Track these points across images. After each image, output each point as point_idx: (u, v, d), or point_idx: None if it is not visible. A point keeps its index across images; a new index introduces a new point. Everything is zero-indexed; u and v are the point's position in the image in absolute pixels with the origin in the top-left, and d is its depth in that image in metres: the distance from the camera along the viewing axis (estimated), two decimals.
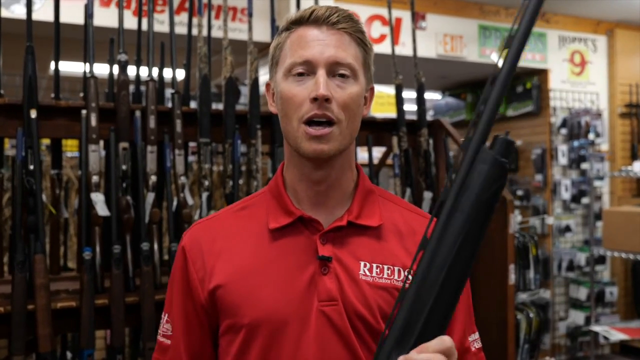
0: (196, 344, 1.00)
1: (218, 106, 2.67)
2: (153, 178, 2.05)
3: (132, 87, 2.31)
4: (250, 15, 2.33)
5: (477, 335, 1.02)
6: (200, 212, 2.11)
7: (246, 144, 2.22)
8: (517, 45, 0.71)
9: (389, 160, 2.70)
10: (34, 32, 1.95)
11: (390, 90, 4.43)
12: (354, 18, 0.96)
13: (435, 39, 4.63)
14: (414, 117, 2.57)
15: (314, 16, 0.94)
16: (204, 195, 2.13)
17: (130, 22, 2.54)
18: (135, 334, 2.30)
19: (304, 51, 0.92)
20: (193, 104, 2.49)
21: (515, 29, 0.71)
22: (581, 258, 5.09)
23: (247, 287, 0.94)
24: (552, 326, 5.05)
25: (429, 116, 5.21)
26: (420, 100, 2.58)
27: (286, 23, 0.97)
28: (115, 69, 2.11)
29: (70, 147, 3.39)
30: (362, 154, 3.72)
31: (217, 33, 3.23)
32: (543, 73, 5.20)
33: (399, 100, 2.54)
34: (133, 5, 3.64)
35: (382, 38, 4.36)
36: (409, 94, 2.66)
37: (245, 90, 4.51)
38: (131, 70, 2.18)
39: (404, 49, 4.21)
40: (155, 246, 2.05)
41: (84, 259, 1.85)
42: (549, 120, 5.18)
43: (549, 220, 5.02)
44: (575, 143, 5.14)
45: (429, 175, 2.53)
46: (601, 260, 5.16)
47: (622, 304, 5.31)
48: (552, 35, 5.18)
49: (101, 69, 2.50)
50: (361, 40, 0.96)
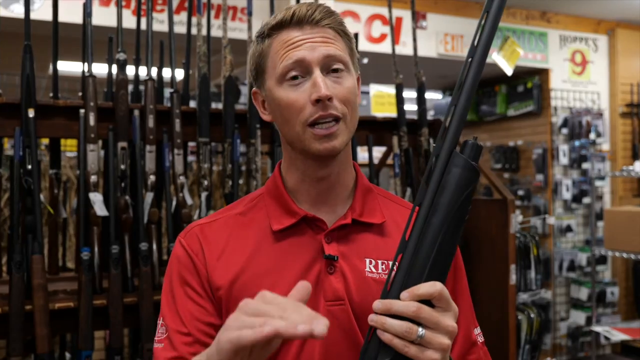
0: (202, 325, 0.94)
1: (217, 106, 2.67)
2: (152, 178, 2.04)
3: (131, 87, 2.31)
4: (249, 14, 2.33)
5: (479, 330, 1.02)
6: (199, 212, 2.11)
7: (246, 143, 2.22)
8: (480, 54, 0.78)
9: (390, 160, 2.70)
10: (33, 32, 1.94)
11: (390, 89, 4.41)
12: (332, 11, 0.96)
13: (436, 38, 4.63)
14: (414, 117, 2.56)
15: (296, 17, 0.92)
16: (203, 195, 2.12)
17: (129, 21, 2.54)
18: (134, 335, 2.30)
19: (294, 54, 0.91)
20: (192, 104, 2.49)
21: (477, 38, 0.78)
22: (582, 258, 5.09)
23: (252, 289, 0.92)
24: (553, 326, 5.05)
25: (430, 116, 5.20)
26: (420, 100, 2.57)
27: (265, 29, 0.95)
28: (114, 68, 2.10)
29: (70, 147, 3.39)
30: (362, 153, 3.71)
31: (216, 32, 3.22)
32: (544, 73, 5.19)
33: (400, 100, 2.54)
34: (132, 4, 3.63)
35: (382, 37, 4.34)
36: (410, 93, 2.65)
37: (244, 89, 4.50)
38: (130, 70, 2.17)
39: (404, 48, 4.20)
40: (154, 246, 2.04)
41: (82, 259, 1.84)
42: (550, 120, 5.17)
43: (550, 220, 5.00)
44: (576, 143, 5.13)
45: None
46: (602, 260, 5.15)
47: (623, 304, 5.30)
48: (553, 35, 5.17)
49: (100, 69, 2.49)
50: (343, 31, 0.96)
